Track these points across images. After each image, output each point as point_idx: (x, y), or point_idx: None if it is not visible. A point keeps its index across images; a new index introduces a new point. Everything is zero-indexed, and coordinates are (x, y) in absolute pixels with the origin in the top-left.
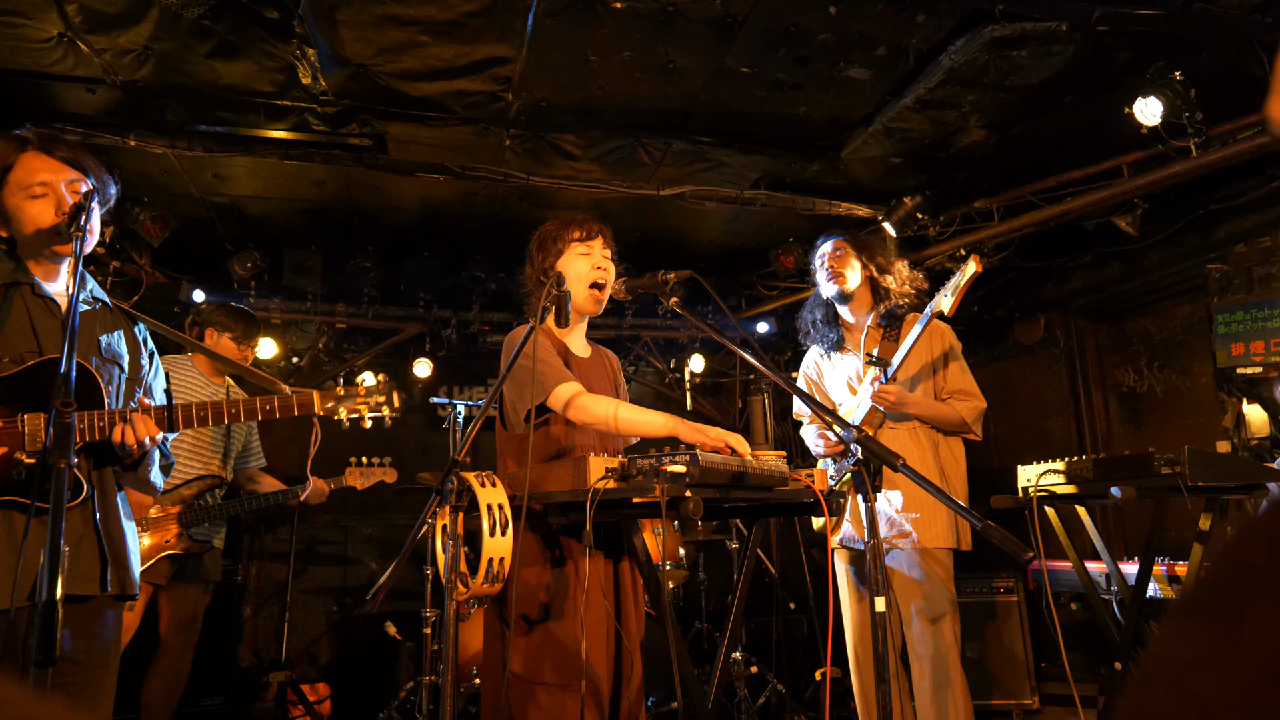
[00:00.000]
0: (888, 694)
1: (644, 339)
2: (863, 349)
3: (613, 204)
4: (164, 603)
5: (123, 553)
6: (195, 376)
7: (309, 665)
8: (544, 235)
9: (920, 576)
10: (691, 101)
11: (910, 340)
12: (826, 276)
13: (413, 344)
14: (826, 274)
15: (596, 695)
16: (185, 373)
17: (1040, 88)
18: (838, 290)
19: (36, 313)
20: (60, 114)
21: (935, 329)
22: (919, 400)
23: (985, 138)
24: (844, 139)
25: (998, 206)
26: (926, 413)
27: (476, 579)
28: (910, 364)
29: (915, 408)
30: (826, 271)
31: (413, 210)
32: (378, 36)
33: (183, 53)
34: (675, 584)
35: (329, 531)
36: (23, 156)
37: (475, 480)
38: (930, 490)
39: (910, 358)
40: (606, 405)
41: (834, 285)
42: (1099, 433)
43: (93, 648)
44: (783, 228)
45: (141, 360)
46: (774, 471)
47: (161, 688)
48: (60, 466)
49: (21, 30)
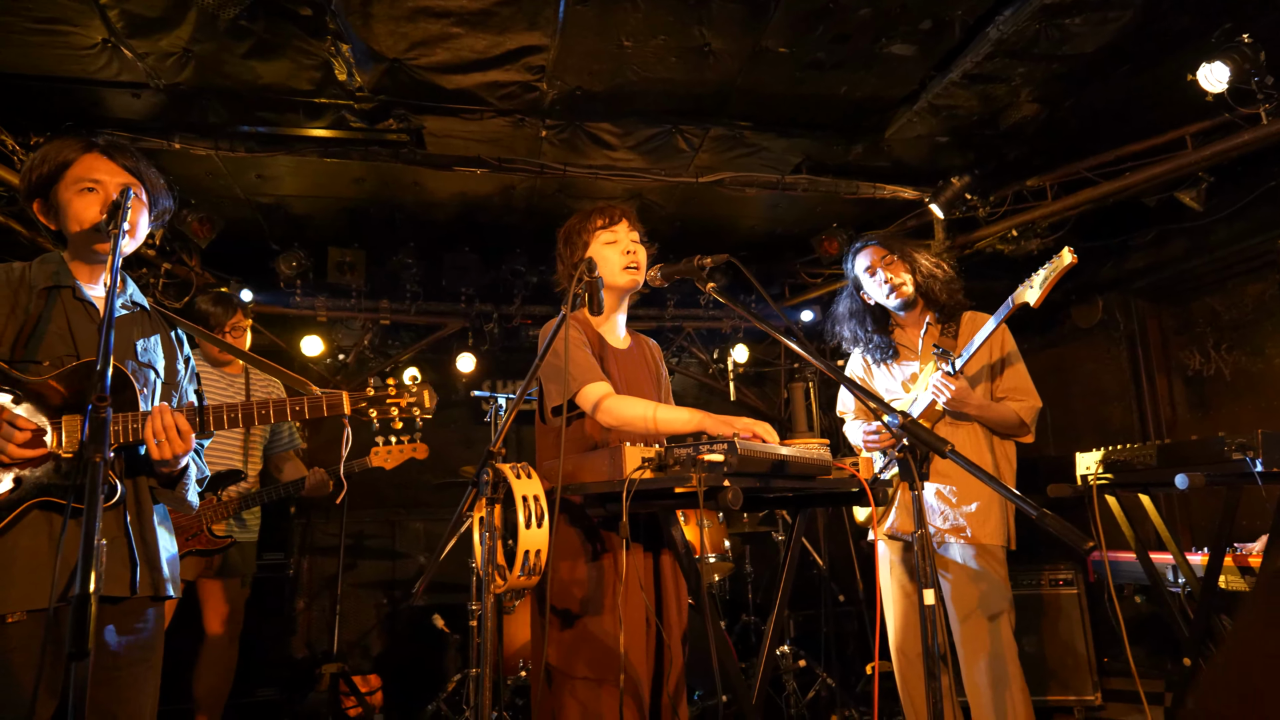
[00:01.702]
0: (938, 690)
1: (686, 330)
2: (919, 348)
3: (651, 192)
4: (203, 598)
5: (155, 555)
6: (208, 370)
7: (360, 657)
8: (569, 230)
9: (979, 573)
10: (728, 85)
11: (985, 332)
12: (887, 290)
13: (455, 339)
14: (885, 286)
15: (635, 689)
16: (199, 368)
17: (1095, 57)
18: (900, 301)
19: (75, 317)
20: (108, 120)
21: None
22: (980, 400)
23: (1037, 112)
24: (887, 119)
25: (1051, 184)
26: (985, 414)
27: (513, 571)
28: (971, 362)
29: (979, 408)
30: (885, 285)
31: (452, 205)
32: (410, 30)
33: (221, 54)
34: (721, 576)
35: (377, 526)
36: (85, 156)
37: (510, 472)
38: (983, 478)
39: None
40: (640, 407)
41: (896, 297)
42: (1162, 418)
43: (134, 645)
44: (826, 213)
45: (178, 365)
46: (816, 460)
47: (211, 680)
48: (95, 461)
49: (68, 38)
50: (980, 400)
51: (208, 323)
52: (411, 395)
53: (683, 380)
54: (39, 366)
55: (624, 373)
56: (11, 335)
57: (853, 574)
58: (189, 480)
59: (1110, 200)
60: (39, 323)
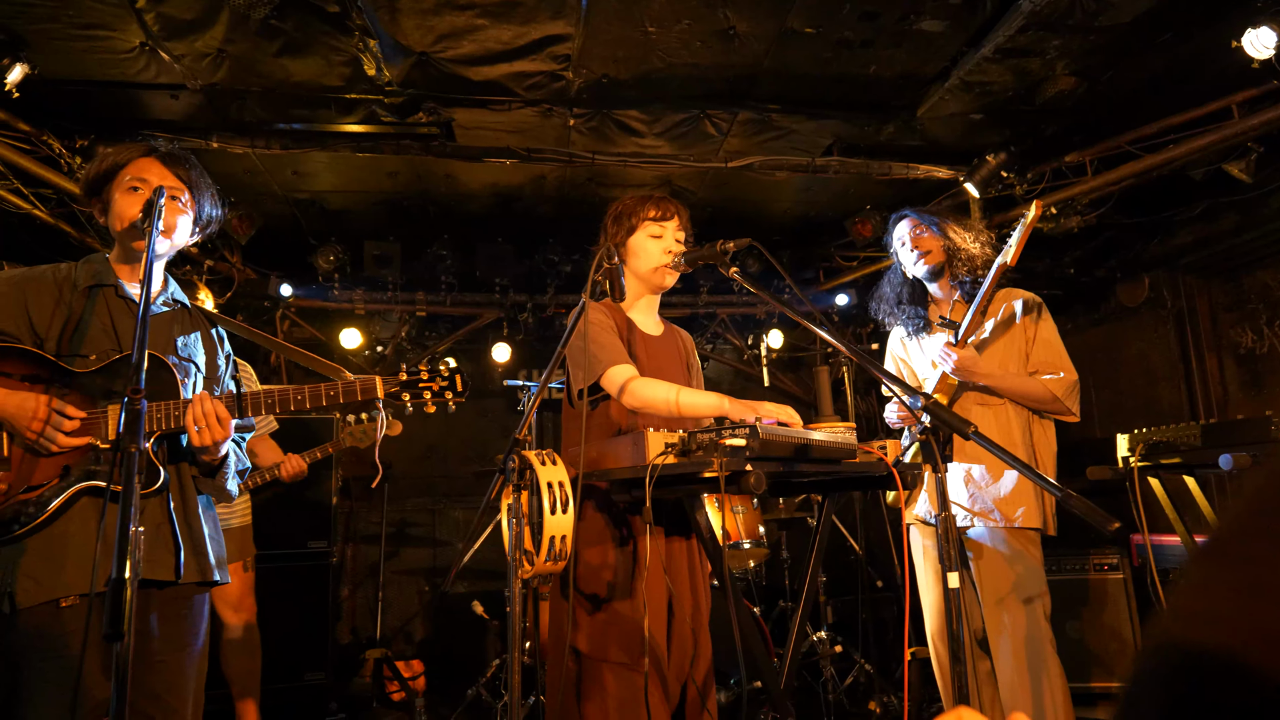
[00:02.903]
0: (963, 674)
1: (720, 316)
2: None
3: (681, 179)
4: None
5: (201, 541)
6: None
7: (404, 643)
8: (620, 209)
9: (1011, 557)
10: (755, 68)
11: (978, 297)
12: (915, 258)
13: (491, 329)
14: (914, 254)
15: (661, 674)
16: None
17: (1134, 26)
18: (928, 269)
19: (118, 313)
20: (149, 121)
21: (1026, 302)
22: (995, 371)
23: (1074, 86)
24: (919, 97)
25: (1091, 159)
26: (1006, 385)
27: (539, 557)
28: (999, 339)
29: (992, 379)
30: (913, 252)
31: (484, 196)
32: (436, 23)
33: (254, 53)
34: (756, 563)
35: (418, 514)
36: (141, 159)
37: (535, 458)
38: (1006, 459)
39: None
40: (663, 390)
41: (924, 265)
42: (1213, 398)
43: (180, 630)
44: (859, 195)
45: (218, 360)
46: (841, 444)
47: (239, 662)
48: (131, 451)
49: (107, 42)
50: (989, 369)
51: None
52: (444, 379)
53: (717, 367)
54: (85, 360)
55: (654, 359)
56: (57, 330)
57: (891, 559)
58: (229, 470)
59: (1154, 174)
60: (83, 319)
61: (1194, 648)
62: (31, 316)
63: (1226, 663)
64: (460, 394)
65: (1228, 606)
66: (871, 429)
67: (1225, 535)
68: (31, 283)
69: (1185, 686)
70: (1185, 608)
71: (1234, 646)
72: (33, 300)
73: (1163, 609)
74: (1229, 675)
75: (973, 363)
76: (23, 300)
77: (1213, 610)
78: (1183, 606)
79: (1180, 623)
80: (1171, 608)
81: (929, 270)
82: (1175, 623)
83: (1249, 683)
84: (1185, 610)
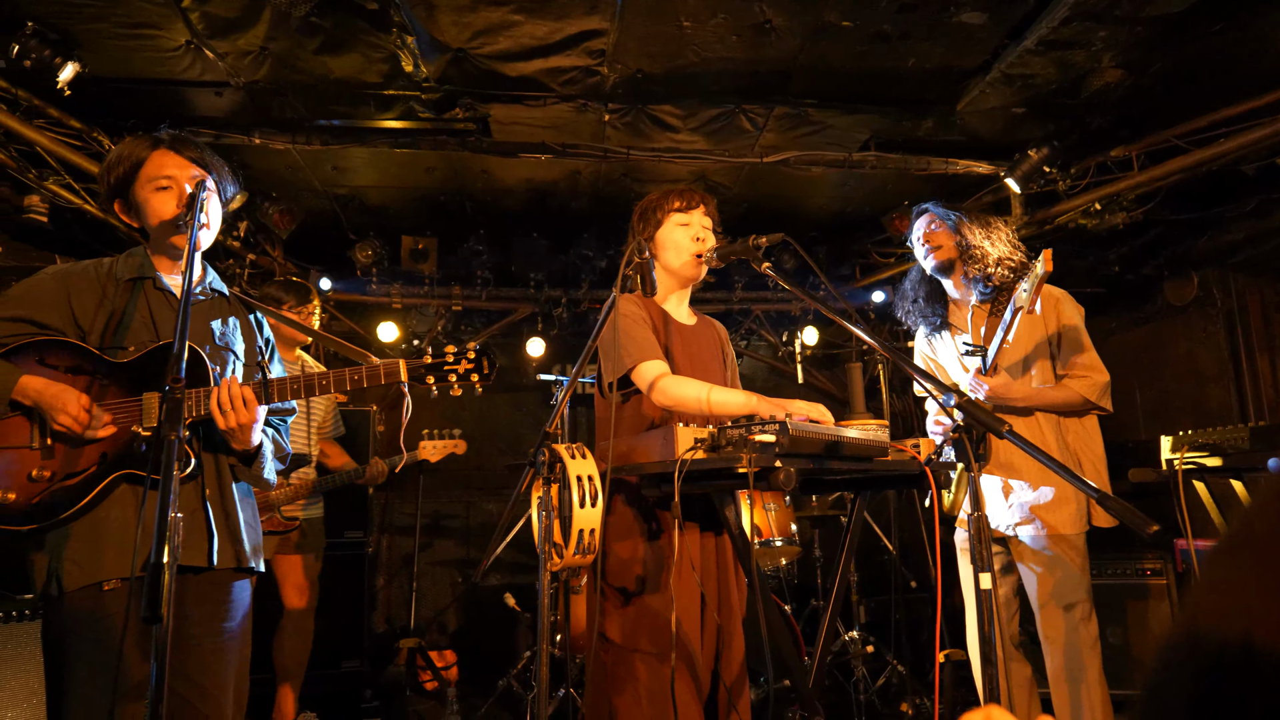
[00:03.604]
0: (994, 676)
1: (754, 312)
2: (969, 328)
3: (716, 174)
4: (280, 575)
5: (236, 527)
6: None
7: (437, 633)
8: (645, 206)
9: (1055, 561)
10: (791, 62)
11: (1000, 332)
12: (925, 252)
13: (525, 323)
14: (924, 249)
15: (691, 667)
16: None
17: (1184, 16)
18: (937, 264)
19: (156, 305)
20: (193, 118)
21: (1046, 299)
22: (1026, 391)
23: (1121, 78)
24: (959, 91)
25: (1138, 154)
26: (1038, 400)
27: (569, 550)
28: (1020, 343)
29: (1026, 398)
30: (924, 246)
31: (520, 192)
32: (472, 19)
33: (295, 50)
34: (788, 560)
35: (452, 506)
36: (154, 154)
37: (565, 452)
38: (1043, 459)
39: (1023, 336)
40: (694, 388)
41: (933, 260)
42: (1265, 399)
43: (219, 615)
44: (897, 190)
45: (258, 346)
46: (872, 441)
47: (291, 649)
48: (170, 438)
49: (155, 41)
50: (1025, 391)
51: (283, 307)
52: (469, 362)
53: (751, 363)
54: (125, 352)
55: (689, 350)
56: (101, 325)
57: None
58: (265, 458)
59: (1204, 169)
60: (124, 312)
61: (1222, 642)
62: (75, 310)
63: (1256, 658)
64: (486, 376)
65: (1259, 603)
66: (907, 427)
67: (1256, 532)
68: (75, 278)
69: (1213, 680)
70: (1213, 603)
71: (1264, 642)
72: (76, 295)
73: (1188, 603)
74: (1258, 670)
75: (1005, 389)
76: (66, 295)
77: (1243, 606)
78: (1210, 602)
79: (1207, 618)
80: (1197, 602)
81: (937, 265)
82: (1202, 617)
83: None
84: (1213, 606)
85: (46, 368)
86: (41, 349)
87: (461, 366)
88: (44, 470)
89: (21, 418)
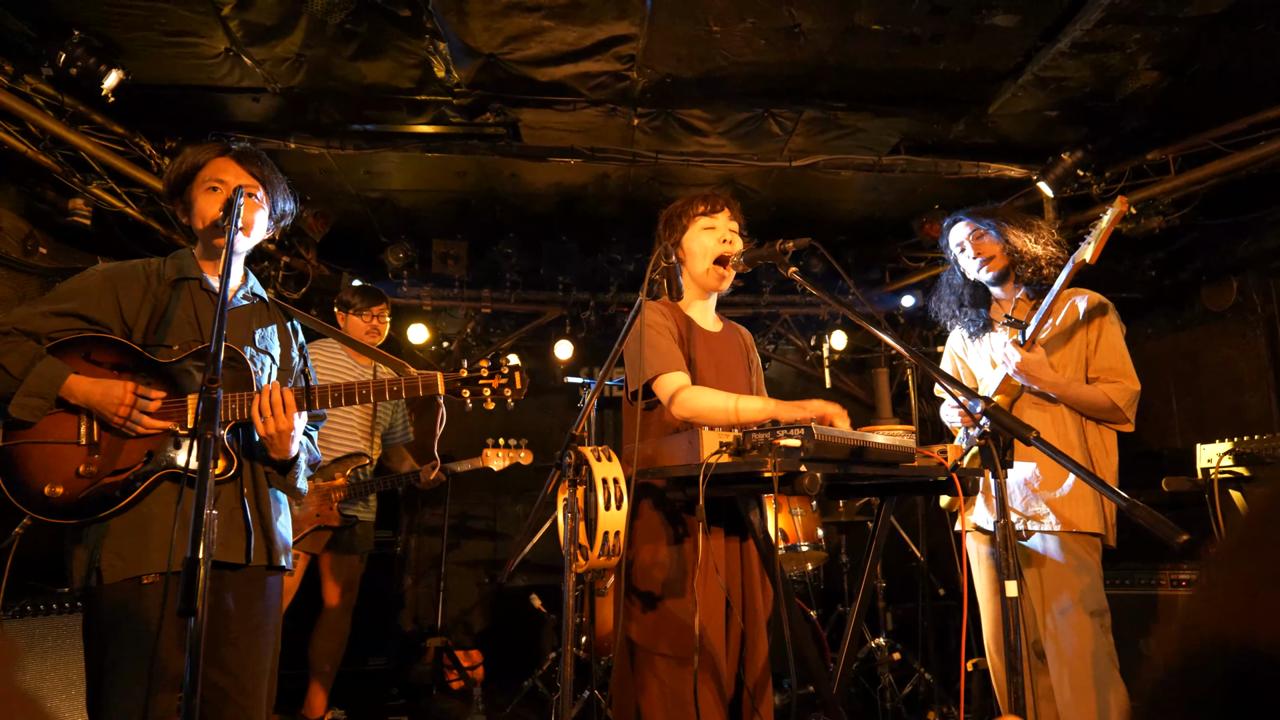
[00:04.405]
0: (1019, 685)
1: (782, 316)
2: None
3: (745, 178)
4: (325, 571)
5: (270, 527)
6: (344, 359)
7: (463, 633)
8: (670, 212)
9: (1074, 565)
10: (820, 66)
11: (1050, 294)
12: (978, 265)
13: (554, 326)
14: (976, 261)
15: (715, 671)
16: (335, 355)
17: (1223, 17)
18: (993, 275)
19: (201, 306)
20: (232, 123)
21: (1091, 301)
22: (1058, 378)
23: (1157, 80)
24: (991, 94)
25: (1174, 157)
26: (1066, 392)
27: (593, 551)
28: (1060, 338)
29: (1054, 385)
30: (975, 259)
31: (549, 195)
32: (503, 25)
33: (330, 57)
34: (814, 566)
35: (479, 508)
36: (216, 159)
37: (591, 455)
38: (1068, 465)
39: (1061, 331)
40: (716, 399)
41: (988, 271)
42: None
43: (252, 610)
44: (927, 194)
45: (292, 353)
46: (897, 446)
47: (326, 646)
48: (207, 437)
49: (195, 48)
50: (1055, 377)
51: (351, 310)
52: (503, 376)
53: (779, 367)
54: (169, 350)
55: (714, 356)
56: (144, 322)
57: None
58: (300, 468)
59: (1243, 172)
60: (168, 311)
61: (1260, 646)
62: (122, 308)
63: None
64: (519, 391)
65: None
66: (936, 433)
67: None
68: (122, 277)
69: (1251, 685)
70: (1244, 606)
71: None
72: (124, 292)
73: (1205, 606)
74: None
75: (1038, 367)
76: (114, 293)
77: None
78: (1240, 605)
79: (1238, 621)
80: (1219, 606)
81: (993, 276)
82: (1229, 621)
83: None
84: (1246, 609)
85: (92, 363)
86: (89, 345)
87: (495, 381)
88: (90, 466)
89: (69, 414)
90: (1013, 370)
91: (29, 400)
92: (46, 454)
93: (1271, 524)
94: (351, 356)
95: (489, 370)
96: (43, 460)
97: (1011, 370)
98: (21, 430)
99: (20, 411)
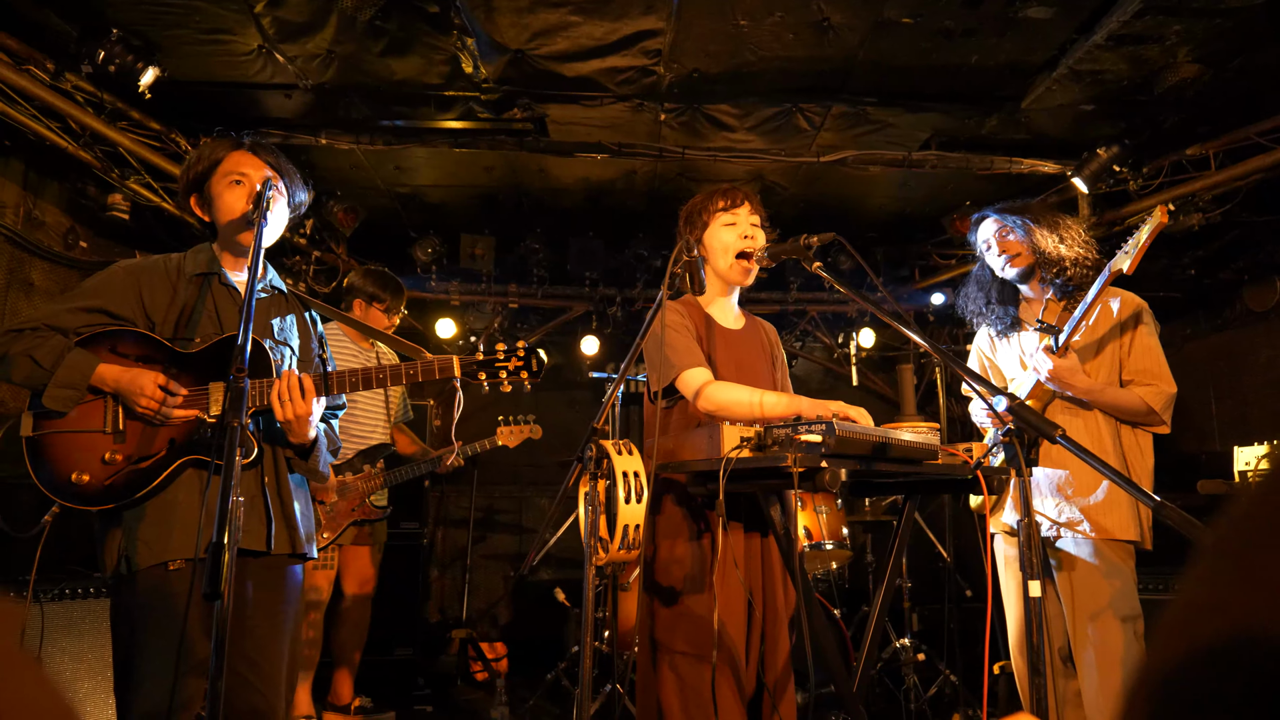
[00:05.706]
0: (1043, 686)
1: (810, 314)
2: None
3: (773, 174)
4: (344, 562)
5: (291, 515)
6: (347, 344)
7: (489, 625)
8: (690, 209)
9: (1106, 571)
10: (850, 60)
11: (1084, 304)
12: (1003, 262)
13: (580, 322)
14: (1001, 259)
15: (734, 667)
16: (336, 339)
17: (1267, 8)
18: (1018, 272)
19: (221, 300)
20: (264, 119)
21: (1125, 302)
22: (1091, 383)
23: (1198, 74)
24: (1025, 87)
25: (1215, 152)
26: (1100, 397)
27: (614, 545)
28: (1092, 340)
29: (1088, 391)
30: (1000, 256)
31: (576, 191)
32: (531, 20)
33: (360, 53)
34: (839, 564)
35: (505, 501)
36: (233, 153)
37: (612, 448)
38: (1097, 466)
39: (1094, 333)
40: (742, 393)
41: (1012, 269)
42: None
43: (275, 599)
44: (958, 190)
45: (312, 344)
46: (921, 444)
47: (347, 636)
48: (234, 425)
49: (229, 46)
50: (1089, 383)
51: (376, 303)
52: (519, 359)
53: (806, 365)
54: (192, 343)
55: (735, 354)
56: (174, 319)
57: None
58: (321, 452)
59: None
60: (193, 306)
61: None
62: (145, 303)
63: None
64: (536, 374)
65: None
66: (965, 432)
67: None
68: (146, 272)
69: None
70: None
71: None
72: (146, 288)
73: (1225, 599)
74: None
75: (1070, 374)
76: (138, 288)
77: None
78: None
79: (1262, 615)
80: (1242, 600)
81: (1018, 273)
82: (1253, 616)
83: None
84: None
85: (118, 356)
86: (114, 339)
87: (512, 364)
88: (116, 454)
89: (96, 402)
90: (1045, 378)
91: (61, 391)
92: (73, 443)
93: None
94: (355, 341)
95: (505, 353)
96: (70, 449)
97: (1044, 378)
98: (52, 420)
99: (54, 402)
